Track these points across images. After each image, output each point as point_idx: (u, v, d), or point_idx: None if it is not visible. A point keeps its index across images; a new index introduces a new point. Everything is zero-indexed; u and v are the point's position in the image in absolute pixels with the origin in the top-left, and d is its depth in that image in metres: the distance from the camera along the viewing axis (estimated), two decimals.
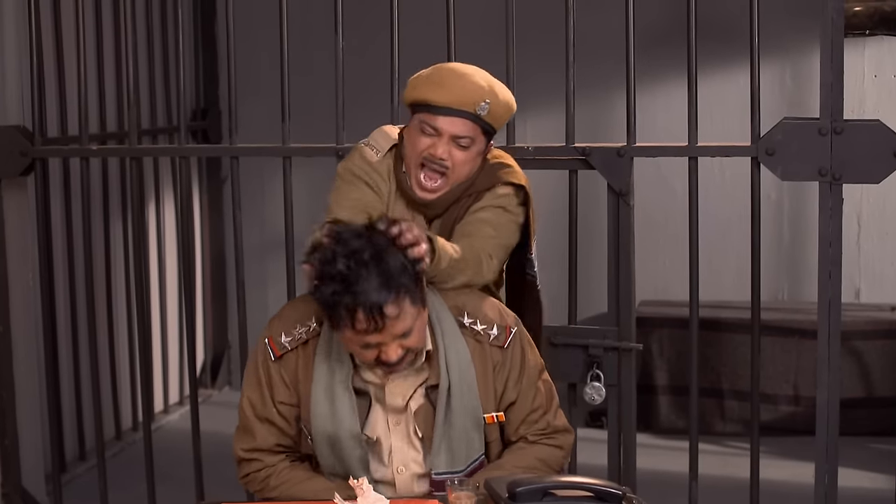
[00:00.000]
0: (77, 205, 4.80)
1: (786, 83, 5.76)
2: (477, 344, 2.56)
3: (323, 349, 2.53)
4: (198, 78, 6.21)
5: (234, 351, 6.23)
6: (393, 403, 2.53)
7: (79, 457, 5.01)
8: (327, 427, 2.51)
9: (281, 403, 2.56)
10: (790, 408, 5.34)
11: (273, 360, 2.55)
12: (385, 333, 2.38)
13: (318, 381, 2.51)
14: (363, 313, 2.33)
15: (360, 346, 2.42)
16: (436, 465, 2.53)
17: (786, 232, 5.84)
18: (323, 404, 2.50)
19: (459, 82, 2.70)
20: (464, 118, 2.70)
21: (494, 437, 2.61)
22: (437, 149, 2.69)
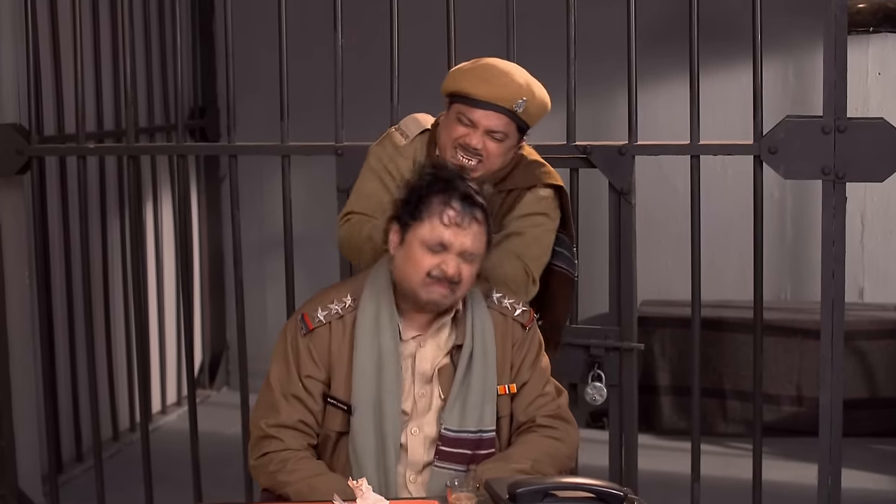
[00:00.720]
0: (74, 204, 4.80)
1: (789, 81, 5.76)
2: (501, 317, 2.68)
3: (366, 319, 2.59)
4: (196, 76, 6.21)
5: (233, 351, 6.22)
6: (422, 369, 2.60)
7: (76, 458, 5.01)
8: (372, 393, 2.56)
9: (308, 377, 2.60)
10: (793, 408, 5.34)
11: (303, 335, 2.60)
12: (462, 236, 2.52)
13: (361, 348, 2.57)
14: (461, 203, 2.52)
15: (427, 249, 2.52)
16: (447, 421, 2.58)
17: (789, 231, 5.84)
18: (369, 371, 2.56)
19: (501, 79, 2.82)
20: (500, 113, 2.82)
21: (505, 413, 2.66)
22: (472, 139, 2.82)
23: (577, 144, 3.50)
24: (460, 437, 2.58)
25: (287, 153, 3.73)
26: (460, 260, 2.54)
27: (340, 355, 2.60)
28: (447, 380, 2.61)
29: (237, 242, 3.82)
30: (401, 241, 2.58)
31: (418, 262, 2.54)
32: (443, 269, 2.53)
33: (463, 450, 2.59)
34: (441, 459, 2.58)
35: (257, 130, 4.76)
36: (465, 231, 2.53)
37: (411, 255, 2.55)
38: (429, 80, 4.12)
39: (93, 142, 4.61)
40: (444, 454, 2.58)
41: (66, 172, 4.84)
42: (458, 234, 2.53)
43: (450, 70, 2.99)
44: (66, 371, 4.93)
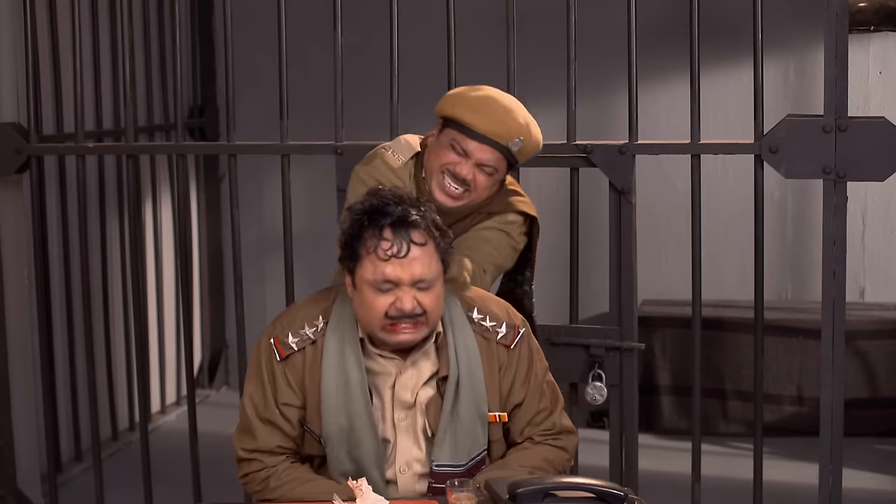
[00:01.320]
0: (73, 203, 4.80)
1: (790, 80, 5.76)
2: (484, 341, 2.58)
3: (332, 345, 2.51)
4: (195, 75, 6.21)
5: (232, 350, 6.23)
6: (402, 397, 2.53)
7: (75, 458, 5.01)
8: (341, 421, 2.49)
9: (284, 405, 2.54)
10: (794, 408, 5.34)
11: (278, 361, 2.54)
12: (406, 266, 2.40)
13: (328, 375, 2.49)
14: (391, 231, 2.39)
15: (376, 290, 2.41)
16: (438, 457, 2.53)
17: (789, 230, 5.84)
18: (335, 398, 2.49)
19: (501, 116, 2.79)
20: (495, 148, 2.79)
21: (497, 437, 2.61)
22: (463, 168, 2.78)
23: (577, 144, 3.50)
24: (453, 471, 2.52)
25: (286, 152, 3.73)
26: (415, 291, 2.42)
27: (312, 383, 2.52)
28: (434, 412, 2.53)
29: (236, 241, 3.82)
30: (353, 284, 2.49)
31: (372, 306, 2.43)
32: (398, 308, 2.42)
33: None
34: (435, 495, 2.53)
35: (257, 130, 4.76)
36: (408, 260, 2.41)
37: (364, 299, 2.45)
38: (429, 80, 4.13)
39: (92, 141, 4.60)
40: (437, 490, 2.52)
41: (65, 172, 4.84)
42: (401, 266, 2.41)
43: (448, 92, 2.93)
44: (65, 370, 4.93)
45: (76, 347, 4.96)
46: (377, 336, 2.49)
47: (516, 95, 3.50)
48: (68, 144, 4.30)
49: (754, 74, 3.41)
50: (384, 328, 2.45)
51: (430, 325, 2.49)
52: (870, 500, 4.52)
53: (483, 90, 2.86)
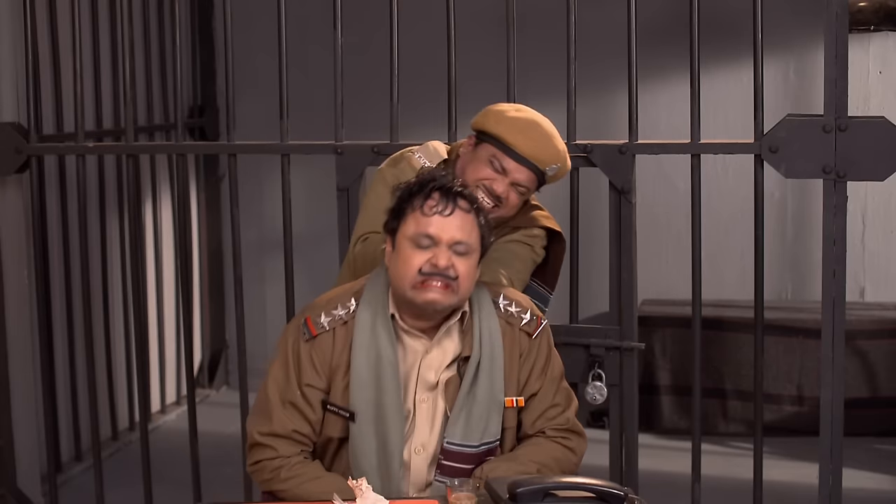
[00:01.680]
0: (73, 203, 4.80)
1: (790, 80, 5.76)
2: (508, 326, 2.62)
3: (365, 321, 2.54)
4: (195, 74, 6.21)
5: (232, 350, 6.23)
6: (426, 377, 2.56)
7: (75, 457, 5.01)
8: (370, 396, 2.51)
9: (307, 386, 2.55)
10: (794, 408, 5.35)
11: (305, 341, 2.55)
12: (447, 226, 2.47)
13: (359, 351, 2.52)
14: (439, 193, 2.48)
15: (415, 245, 2.47)
16: (450, 435, 2.55)
17: (789, 230, 5.85)
18: (366, 373, 2.51)
19: (544, 141, 2.87)
20: (532, 171, 2.88)
21: (511, 425, 2.63)
22: (499, 185, 2.86)
23: (577, 143, 3.50)
24: (463, 451, 2.54)
25: (287, 152, 3.73)
26: (452, 253, 2.47)
27: (341, 362, 2.55)
28: (453, 392, 2.56)
29: (237, 241, 3.82)
30: (392, 245, 2.54)
31: (408, 261, 2.48)
32: (433, 263, 2.46)
33: (465, 464, 2.56)
34: (443, 474, 2.55)
35: (257, 129, 4.76)
36: (450, 219, 2.48)
37: (402, 255, 2.50)
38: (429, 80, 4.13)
39: (92, 141, 4.60)
40: (445, 469, 2.55)
41: (65, 171, 4.84)
42: (442, 224, 2.48)
43: (488, 108, 2.96)
44: (65, 370, 4.93)
45: (76, 347, 4.96)
46: (407, 297, 2.50)
47: (516, 95, 3.52)
48: (68, 144, 4.30)
49: (754, 74, 3.41)
50: (415, 286, 2.48)
51: (459, 295, 2.51)
52: (870, 500, 4.52)
53: (525, 112, 2.93)
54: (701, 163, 3.52)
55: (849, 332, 3.87)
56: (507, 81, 3.53)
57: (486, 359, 2.56)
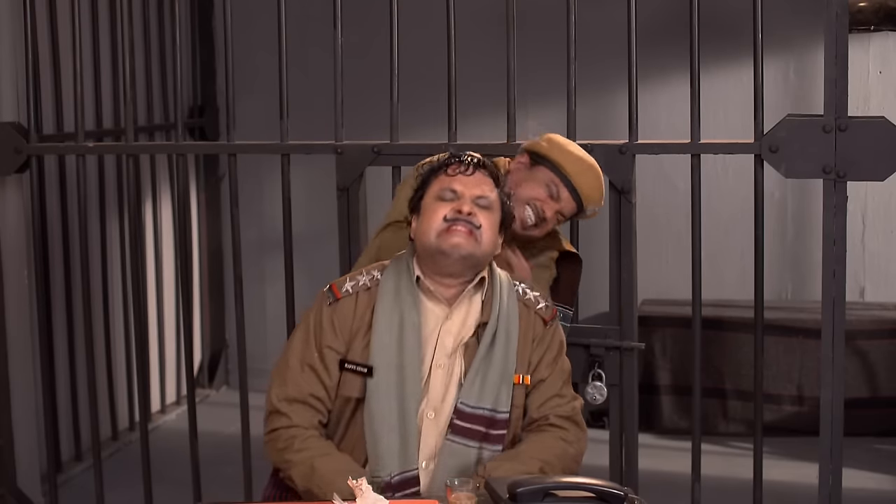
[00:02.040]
0: (73, 203, 4.80)
1: (790, 79, 5.76)
2: (525, 308, 2.70)
3: (389, 286, 2.62)
4: (195, 74, 6.21)
5: (232, 350, 6.23)
6: (445, 342, 2.61)
7: (75, 457, 5.02)
8: (391, 354, 2.57)
9: (327, 348, 2.61)
10: (794, 408, 5.35)
11: (329, 304, 2.63)
12: (469, 183, 2.60)
13: (382, 313, 2.60)
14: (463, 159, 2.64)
15: (439, 199, 2.59)
16: (464, 396, 2.58)
17: (789, 230, 5.85)
18: (388, 336, 2.58)
19: (598, 185, 3.04)
20: (577, 206, 3.03)
21: (518, 404, 2.65)
22: (549, 209, 3.00)
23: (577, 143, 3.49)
24: (476, 412, 2.58)
25: (286, 152, 3.73)
26: (475, 205, 2.58)
27: (362, 323, 2.62)
28: (470, 356, 2.61)
29: (237, 241, 3.83)
30: (417, 213, 2.65)
31: (434, 213, 2.58)
32: (456, 210, 2.57)
33: (477, 426, 2.59)
34: (455, 433, 2.58)
35: (257, 129, 4.76)
36: (473, 179, 2.61)
37: (426, 212, 2.61)
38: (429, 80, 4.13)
39: (92, 140, 4.60)
40: (458, 428, 2.57)
41: (65, 171, 4.84)
42: (466, 182, 2.60)
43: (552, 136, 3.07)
44: (65, 370, 4.93)
45: (76, 347, 4.97)
46: (433, 245, 2.57)
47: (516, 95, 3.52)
48: (68, 144, 4.30)
49: (754, 74, 3.41)
50: (440, 233, 2.56)
51: (482, 247, 2.59)
52: (870, 500, 4.52)
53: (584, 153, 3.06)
54: (701, 163, 3.52)
55: (849, 332, 3.87)
56: (507, 81, 3.53)
57: (503, 330, 2.63)
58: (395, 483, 2.53)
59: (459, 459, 2.56)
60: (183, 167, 4.00)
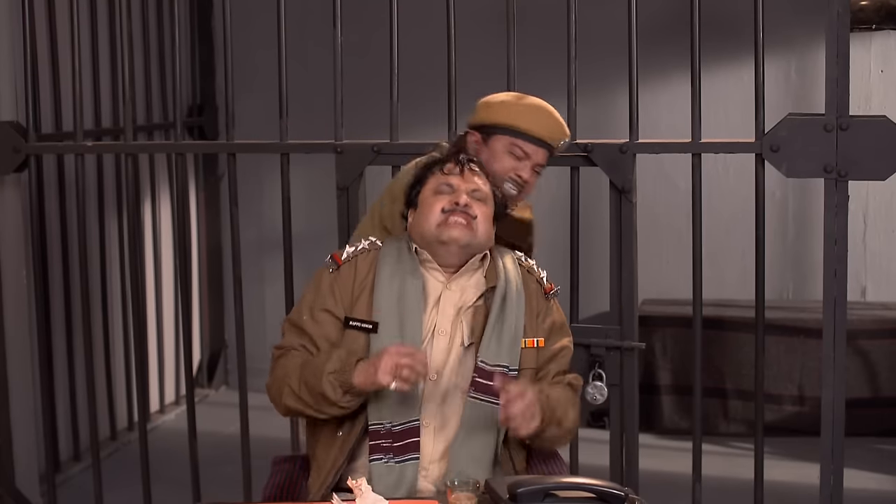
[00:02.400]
0: (72, 202, 4.80)
1: (791, 78, 5.76)
2: (528, 275, 2.79)
3: (389, 254, 2.70)
4: (194, 73, 6.21)
5: (231, 350, 6.23)
6: (445, 310, 2.67)
7: (73, 457, 5.01)
8: (394, 313, 2.63)
9: (323, 311, 2.67)
10: (795, 408, 5.35)
11: (331, 272, 2.71)
12: (463, 179, 2.69)
13: (383, 272, 2.67)
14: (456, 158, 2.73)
15: (436, 193, 2.68)
16: (483, 354, 2.63)
17: (791, 229, 5.85)
18: (390, 291, 2.65)
19: (551, 120, 3.02)
20: (547, 151, 3.03)
21: (531, 365, 2.71)
22: (524, 171, 2.99)
23: (577, 142, 3.49)
24: (495, 370, 2.63)
25: (286, 151, 3.73)
26: (470, 197, 2.66)
27: (366, 285, 2.68)
28: (480, 320, 2.66)
29: (236, 241, 3.82)
30: (414, 207, 2.73)
31: (432, 206, 2.67)
32: (453, 202, 2.65)
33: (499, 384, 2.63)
34: (477, 391, 2.62)
35: (256, 128, 4.76)
36: (468, 175, 2.70)
37: (424, 205, 2.69)
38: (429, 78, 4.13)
39: (90, 140, 4.60)
40: (480, 386, 2.62)
41: (64, 170, 4.84)
42: (461, 179, 2.69)
43: (485, 101, 3.05)
44: (63, 370, 4.93)
45: (75, 346, 4.96)
46: (432, 236, 2.66)
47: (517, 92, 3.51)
48: (67, 143, 4.30)
49: (755, 73, 3.41)
50: (439, 225, 2.65)
51: (478, 237, 2.68)
52: (871, 501, 4.52)
53: (523, 97, 3.05)
54: (702, 162, 3.52)
55: (850, 332, 3.86)
56: (508, 80, 3.53)
57: (512, 293, 2.70)
58: (395, 431, 2.57)
59: (484, 416, 2.61)
60: (182, 167, 3.99)
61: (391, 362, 2.45)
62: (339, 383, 2.52)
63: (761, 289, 3.48)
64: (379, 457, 2.57)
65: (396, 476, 2.56)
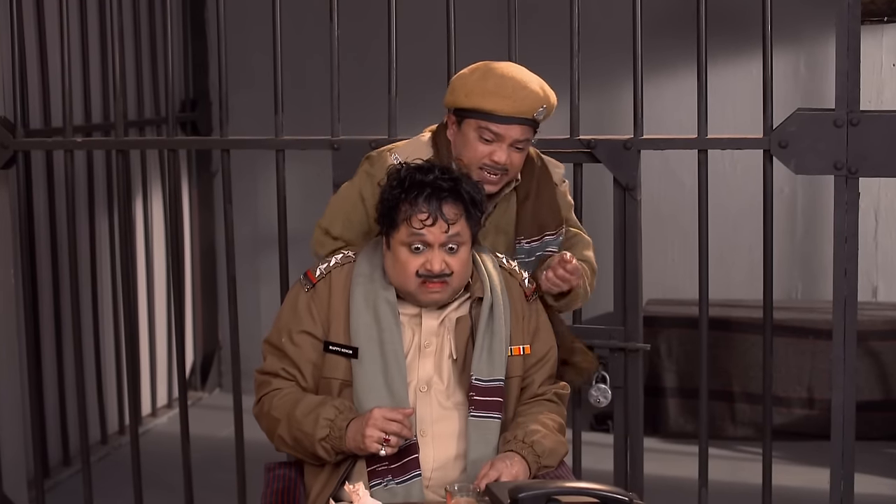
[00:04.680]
0: (61, 199, 4.80)
1: (800, 72, 5.76)
2: (511, 278, 2.84)
3: (363, 268, 2.74)
4: (187, 67, 6.21)
5: (225, 351, 6.23)
6: (428, 322, 2.72)
7: (63, 462, 5.02)
8: (372, 334, 2.68)
9: (302, 333, 2.72)
10: (804, 411, 5.35)
11: (306, 291, 2.75)
12: (437, 232, 2.64)
13: (357, 295, 2.71)
14: (424, 204, 2.64)
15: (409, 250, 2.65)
16: (477, 371, 2.69)
17: (799, 227, 5.85)
18: (365, 314, 2.69)
19: (520, 92, 2.87)
20: (523, 125, 2.90)
21: (517, 373, 2.77)
22: (499, 155, 2.89)
23: (580, 138, 3.50)
24: (491, 385, 2.68)
25: (281, 147, 3.73)
26: (444, 253, 2.65)
27: (340, 302, 2.72)
28: (464, 331, 2.71)
29: (230, 239, 3.83)
30: (387, 245, 2.73)
31: (406, 266, 2.67)
32: (428, 269, 2.65)
33: (496, 397, 2.69)
34: (477, 409, 2.67)
35: (251, 124, 4.77)
36: (439, 227, 2.65)
37: (398, 257, 2.69)
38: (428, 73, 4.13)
39: (80, 135, 4.61)
40: (478, 404, 2.67)
41: (53, 167, 4.84)
42: (432, 232, 2.65)
43: (453, 80, 2.99)
44: (52, 372, 4.93)
45: (64, 348, 4.97)
46: (409, 293, 2.70)
47: None
48: (56, 139, 4.29)
49: (763, 67, 3.41)
50: (416, 288, 2.68)
51: (455, 285, 2.70)
52: None
53: (489, 71, 2.92)
54: (708, 158, 3.53)
55: (861, 333, 3.87)
56: None
57: (498, 302, 2.74)
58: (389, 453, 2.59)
59: (486, 433, 2.66)
60: (174, 163, 4.00)
61: (377, 434, 2.52)
62: (331, 447, 2.60)
63: (769, 288, 3.48)
64: (378, 481, 2.61)
65: (401, 497, 2.59)
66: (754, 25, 3.61)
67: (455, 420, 2.68)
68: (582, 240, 3.15)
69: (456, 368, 2.70)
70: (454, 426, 2.68)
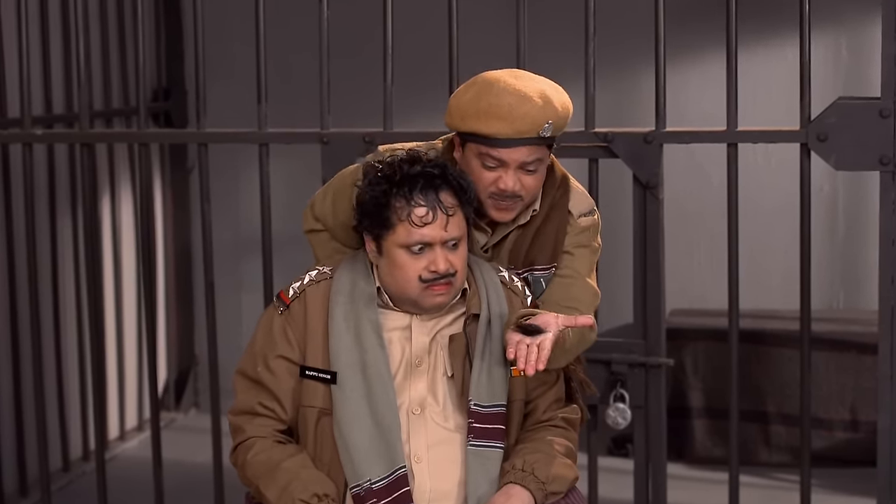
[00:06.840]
0: (19, 198, 4.81)
1: (841, 57, 5.77)
2: (513, 294, 2.82)
3: (341, 286, 2.74)
4: (160, 52, 6.22)
5: (203, 367, 6.23)
6: (419, 339, 2.72)
7: (19, 492, 5.02)
8: (354, 357, 2.68)
9: (277, 357, 2.73)
10: (847, 434, 5.35)
11: (280, 313, 2.76)
12: (439, 229, 2.64)
13: (336, 316, 2.72)
14: (422, 198, 2.63)
15: (409, 253, 2.65)
16: (476, 397, 2.68)
17: (841, 229, 5.85)
18: (346, 336, 2.70)
19: (519, 110, 2.73)
20: (528, 145, 2.77)
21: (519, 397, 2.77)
22: (506, 182, 2.79)
23: (596, 132, 3.51)
24: (492, 412, 2.69)
25: (265, 141, 3.75)
26: (447, 251, 2.67)
27: (318, 323, 2.73)
28: (459, 350, 2.71)
29: (208, 242, 3.84)
30: (378, 250, 2.72)
31: (406, 269, 2.67)
32: (433, 270, 2.66)
33: (497, 424, 2.70)
34: (477, 437, 2.67)
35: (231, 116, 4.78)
36: (440, 222, 2.66)
37: (396, 261, 2.68)
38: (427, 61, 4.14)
39: (40, 128, 4.62)
40: (478, 432, 2.67)
41: (10, 162, 4.85)
42: (434, 229, 2.65)
43: (450, 99, 2.86)
44: (8, 391, 4.94)
45: (22, 365, 4.97)
46: (412, 300, 2.70)
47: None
48: (13, 131, 4.31)
49: (801, 52, 3.43)
50: (421, 292, 2.68)
51: (457, 285, 2.72)
52: None
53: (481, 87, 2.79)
54: (739, 153, 3.54)
55: None
56: (517, 63, 3.54)
57: (496, 320, 2.74)
58: (376, 489, 2.61)
59: (488, 463, 2.67)
60: (146, 158, 4.00)
61: None
62: None
63: (807, 297, 3.49)
64: None
65: None
66: (790, 5, 3.62)
67: (455, 444, 2.68)
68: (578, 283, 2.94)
69: (454, 387, 2.70)
70: (453, 452, 2.68)
